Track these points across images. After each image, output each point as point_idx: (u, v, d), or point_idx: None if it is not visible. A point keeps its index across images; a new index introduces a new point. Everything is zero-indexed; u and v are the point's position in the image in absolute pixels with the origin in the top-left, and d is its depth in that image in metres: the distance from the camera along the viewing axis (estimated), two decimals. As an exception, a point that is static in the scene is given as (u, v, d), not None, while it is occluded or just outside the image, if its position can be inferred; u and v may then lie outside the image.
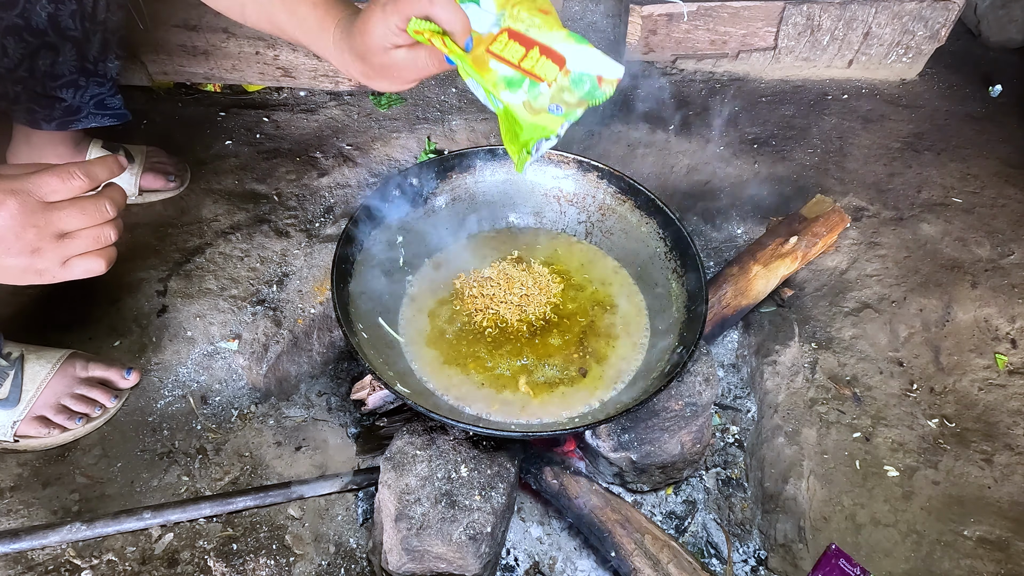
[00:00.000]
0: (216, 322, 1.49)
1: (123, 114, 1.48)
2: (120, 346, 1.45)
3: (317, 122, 1.93)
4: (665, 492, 1.41)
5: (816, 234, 1.57)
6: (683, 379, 1.27)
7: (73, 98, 1.37)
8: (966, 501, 1.36)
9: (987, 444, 1.44)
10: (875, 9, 2.06)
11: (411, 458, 1.16)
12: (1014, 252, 1.75)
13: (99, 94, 1.42)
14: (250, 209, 1.68)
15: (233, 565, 1.21)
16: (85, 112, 1.42)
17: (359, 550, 1.29)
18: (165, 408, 1.40)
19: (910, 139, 2.06)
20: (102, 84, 1.41)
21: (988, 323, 1.63)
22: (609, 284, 1.44)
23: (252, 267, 1.57)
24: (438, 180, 1.44)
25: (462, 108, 2.01)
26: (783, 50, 2.16)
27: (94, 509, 1.25)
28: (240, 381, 1.46)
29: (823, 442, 1.42)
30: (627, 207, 1.45)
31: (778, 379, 1.51)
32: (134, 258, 1.56)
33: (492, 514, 1.11)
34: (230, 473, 1.33)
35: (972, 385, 1.53)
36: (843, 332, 1.59)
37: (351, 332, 1.16)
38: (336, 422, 1.47)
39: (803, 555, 1.28)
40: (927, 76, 2.28)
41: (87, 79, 1.37)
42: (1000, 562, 1.28)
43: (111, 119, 1.47)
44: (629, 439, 1.24)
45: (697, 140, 1.99)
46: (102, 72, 1.39)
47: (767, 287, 1.53)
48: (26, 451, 1.30)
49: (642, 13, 2.08)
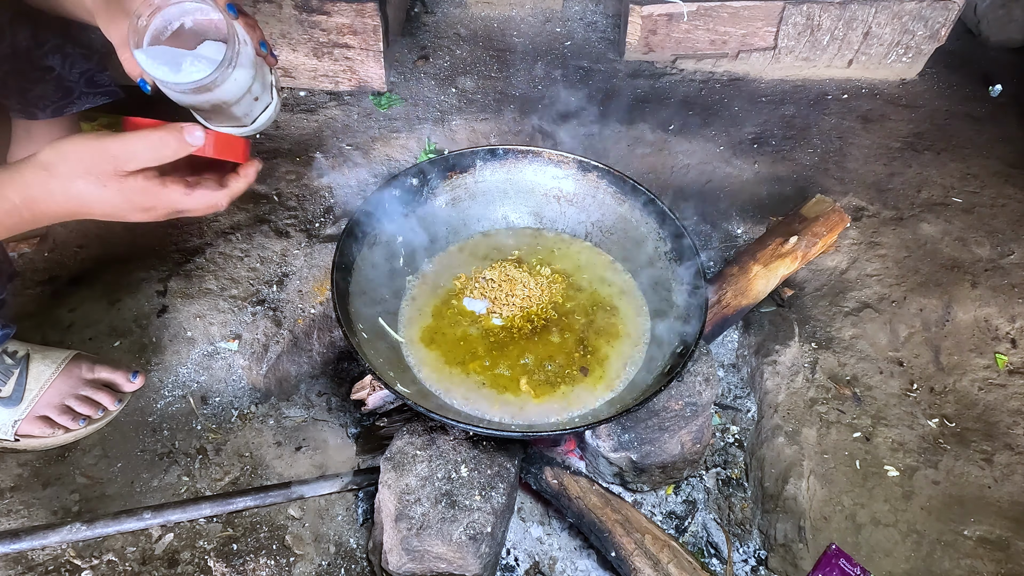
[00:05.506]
0: (216, 322, 1.49)
1: (114, 91, 1.47)
2: (120, 346, 1.45)
3: (317, 122, 1.93)
4: (665, 492, 1.41)
5: (816, 234, 1.57)
6: (683, 379, 1.27)
7: (62, 67, 1.35)
8: (966, 501, 1.36)
9: (987, 444, 1.44)
10: (875, 9, 2.06)
11: (411, 458, 1.16)
12: (1014, 252, 1.75)
13: (88, 69, 1.40)
14: (250, 209, 1.68)
15: (233, 565, 1.22)
16: (77, 92, 1.41)
17: (359, 550, 1.29)
18: (165, 408, 1.40)
19: (910, 139, 2.06)
20: (89, 57, 1.39)
21: (988, 323, 1.63)
22: (609, 284, 1.44)
23: (252, 267, 1.57)
24: (438, 180, 1.44)
25: (462, 108, 2.01)
26: (783, 50, 2.16)
27: (94, 509, 1.25)
28: (240, 381, 1.46)
29: (823, 442, 1.42)
30: (627, 207, 1.45)
31: (778, 379, 1.51)
32: (134, 258, 1.56)
33: (492, 514, 1.11)
34: (230, 473, 1.34)
35: (972, 385, 1.53)
36: (843, 332, 1.59)
37: (351, 332, 1.16)
38: (336, 422, 1.47)
39: (803, 555, 1.28)
40: (927, 76, 2.28)
41: (73, 47, 1.35)
42: (1000, 562, 1.28)
43: (103, 97, 1.46)
44: (629, 439, 1.24)
45: (697, 140, 1.99)
46: (87, 42, 1.38)
47: (767, 287, 1.53)
48: (26, 451, 1.30)
49: (642, 13, 2.08)
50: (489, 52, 2.22)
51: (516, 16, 2.37)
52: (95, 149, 0.84)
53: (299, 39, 1.90)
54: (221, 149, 0.90)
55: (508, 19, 2.35)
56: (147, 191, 0.86)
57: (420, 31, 2.27)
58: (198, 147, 0.86)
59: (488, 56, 2.20)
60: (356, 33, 1.89)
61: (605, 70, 2.19)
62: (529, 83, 2.12)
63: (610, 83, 2.14)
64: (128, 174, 0.85)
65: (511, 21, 2.35)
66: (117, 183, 0.85)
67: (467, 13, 2.35)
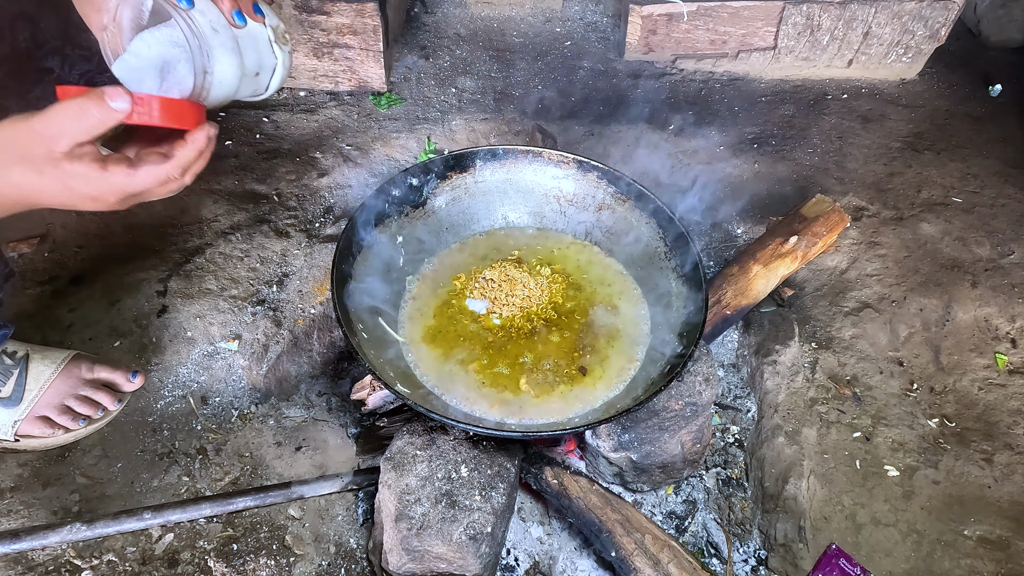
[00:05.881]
0: (216, 322, 1.49)
1: None
2: (120, 346, 1.45)
3: (317, 122, 1.93)
4: (665, 492, 1.41)
5: (816, 234, 1.57)
6: (683, 379, 1.27)
7: (61, 68, 1.35)
8: (966, 501, 1.36)
9: (987, 444, 1.44)
10: (875, 9, 2.06)
11: (411, 458, 1.16)
12: (1014, 252, 1.75)
13: (87, 71, 1.40)
14: (250, 209, 1.68)
15: (233, 565, 1.21)
16: None
17: (359, 550, 1.29)
18: (165, 408, 1.40)
19: (910, 139, 2.06)
20: (88, 59, 1.39)
21: (988, 323, 1.63)
22: (609, 284, 1.44)
23: (252, 267, 1.57)
24: (438, 180, 1.44)
25: (462, 108, 2.01)
26: (783, 50, 2.16)
27: (94, 509, 1.25)
28: (240, 381, 1.46)
29: (823, 442, 1.42)
30: (627, 207, 1.45)
31: (778, 379, 1.51)
32: (134, 258, 1.56)
33: (492, 514, 1.11)
34: (230, 473, 1.33)
35: (972, 385, 1.53)
36: (843, 332, 1.59)
37: (351, 332, 1.16)
38: (336, 422, 1.47)
39: (803, 555, 1.28)
40: (927, 76, 2.28)
41: (72, 49, 1.35)
42: (1000, 562, 1.28)
43: None
44: (629, 439, 1.24)
45: (697, 140, 1.99)
46: (86, 44, 1.38)
47: (767, 287, 1.53)
48: (26, 451, 1.30)
49: (642, 13, 2.08)
50: (489, 52, 2.22)
51: (516, 16, 2.37)
52: (22, 130, 0.77)
53: (299, 39, 1.90)
54: (167, 116, 0.79)
55: (508, 19, 2.35)
56: (86, 177, 0.78)
57: (420, 31, 2.27)
58: (125, 112, 0.76)
59: (488, 56, 2.20)
60: (356, 33, 1.89)
61: (605, 70, 2.19)
62: (529, 83, 2.12)
63: (610, 83, 2.14)
64: (63, 157, 0.77)
65: (511, 21, 2.35)
66: (53, 169, 0.77)
67: (467, 13, 2.35)
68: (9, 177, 0.78)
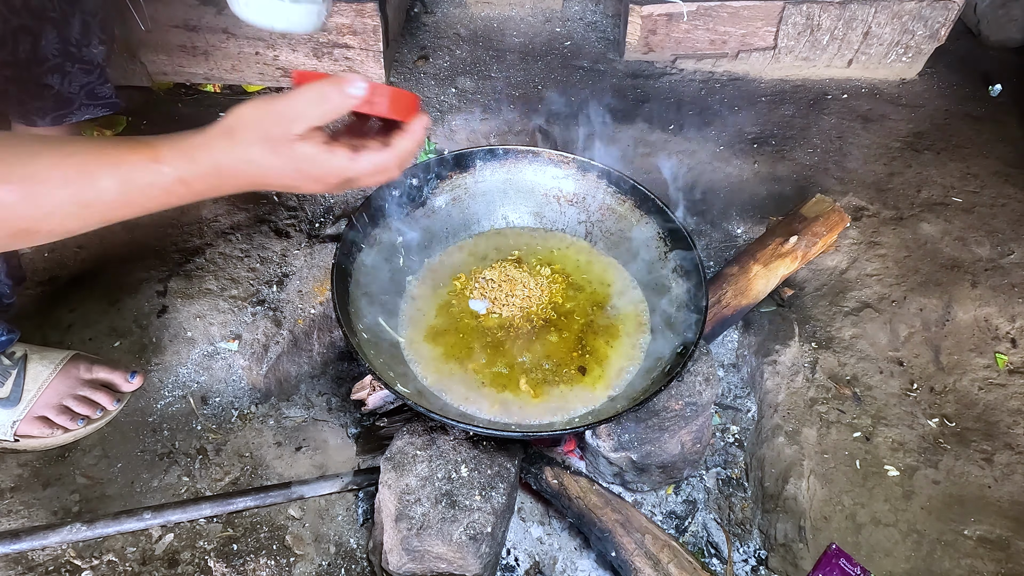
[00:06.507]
0: (216, 322, 1.49)
1: (115, 103, 1.47)
2: (120, 346, 1.45)
3: (317, 122, 1.93)
4: (665, 492, 1.41)
5: (816, 234, 1.57)
6: (683, 379, 1.27)
7: (61, 84, 1.36)
8: (966, 500, 1.36)
9: (987, 443, 1.44)
10: (875, 9, 2.06)
11: (411, 458, 1.16)
12: (1014, 251, 1.75)
13: (88, 83, 1.41)
14: (250, 209, 1.68)
15: (233, 565, 1.21)
16: (77, 104, 1.41)
17: (359, 550, 1.29)
18: (165, 408, 1.40)
19: (910, 139, 2.06)
20: (89, 72, 1.40)
21: (988, 322, 1.63)
22: (609, 284, 1.44)
23: (252, 267, 1.57)
24: (438, 180, 1.44)
25: (462, 108, 2.01)
26: (783, 50, 2.16)
27: (94, 509, 1.25)
28: (240, 381, 1.46)
29: (823, 442, 1.42)
30: (627, 207, 1.45)
31: (778, 379, 1.51)
32: (134, 258, 1.56)
33: (492, 514, 1.11)
34: (230, 473, 1.33)
35: (972, 384, 1.53)
36: (843, 332, 1.59)
37: (351, 332, 1.16)
38: (336, 422, 1.47)
39: (803, 555, 1.28)
40: (927, 76, 2.28)
41: (73, 64, 1.35)
42: (1000, 561, 1.28)
43: (103, 109, 1.46)
44: (629, 439, 1.24)
45: (697, 140, 1.99)
46: (88, 58, 1.38)
47: (767, 287, 1.53)
48: (26, 451, 1.30)
49: (642, 13, 2.08)
50: (489, 52, 2.22)
51: (516, 16, 2.37)
52: (266, 111, 0.82)
53: (299, 39, 1.90)
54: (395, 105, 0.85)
55: (508, 19, 2.35)
56: (315, 159, 0.84)
57: (420, 31, 2.27)
58: (361, 98, 0.82)
59: (488, 56, 2.20)
60: (356, 33, 1.89)
61: (605, 70, 2.19)
62: (529, 83, 2.12)
63: (610, 83, 2.14)
64: (297, 139, 0.82)
65: (511, 21, 2.35)
66: (287, 150, 0.83)
67: (467, 13, 2.35)
68: (249, 154, 0.82)
